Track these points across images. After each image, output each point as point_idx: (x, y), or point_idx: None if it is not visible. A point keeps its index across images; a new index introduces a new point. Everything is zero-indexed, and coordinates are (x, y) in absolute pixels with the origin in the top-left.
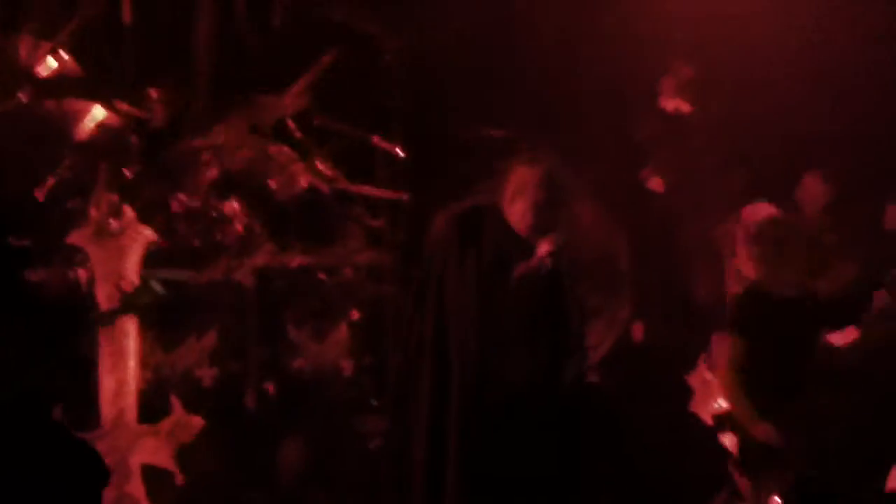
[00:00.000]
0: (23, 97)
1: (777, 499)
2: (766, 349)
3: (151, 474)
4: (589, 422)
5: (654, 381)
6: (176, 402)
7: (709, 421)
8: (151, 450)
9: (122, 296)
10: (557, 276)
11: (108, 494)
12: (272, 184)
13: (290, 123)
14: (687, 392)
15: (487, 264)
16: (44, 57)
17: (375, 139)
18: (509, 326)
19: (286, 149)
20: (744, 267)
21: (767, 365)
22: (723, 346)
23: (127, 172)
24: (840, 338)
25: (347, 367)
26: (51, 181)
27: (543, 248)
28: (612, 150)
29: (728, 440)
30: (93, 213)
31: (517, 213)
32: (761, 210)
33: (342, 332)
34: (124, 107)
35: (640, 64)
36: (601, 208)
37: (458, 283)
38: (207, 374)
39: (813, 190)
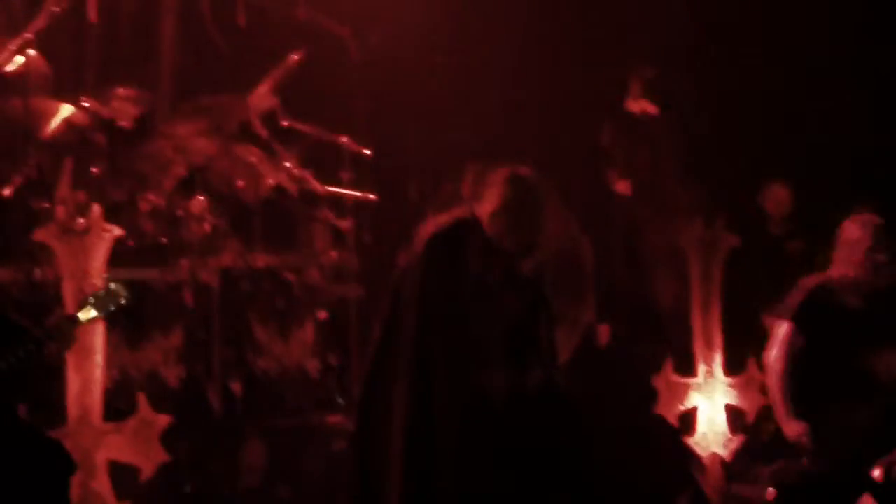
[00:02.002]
0: None
1: (772, 489)
2: (821, 348)
3: (117, 471)
4: (554, 425)
5: (619, 384)
6: (142, 400)
7: (674, 423)
8: (117, 447)
9: (81, 300)
10: (538, 288)
11: (74, 491)
12: (239, 183)
13: (257, 123)
14: (652, 395)
15: (471, 279)
16: (10, 55)
17: (343, 140)
18: (492, 340)
19: (253, 149)
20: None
21: (817, 364)
22: (782, 334)
23: (93, 170)
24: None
25: (313, 367)
26: (17, 179)
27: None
28: (578, 153)
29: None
30: (59, 210)
31: (496, 221)
32: (860, 217)
33: (308, 332)
34: (91, 105)
35: (605, 66)
36: (566, 212)
37: (443, 297)
38: (173, 374)
39: (777, 196)
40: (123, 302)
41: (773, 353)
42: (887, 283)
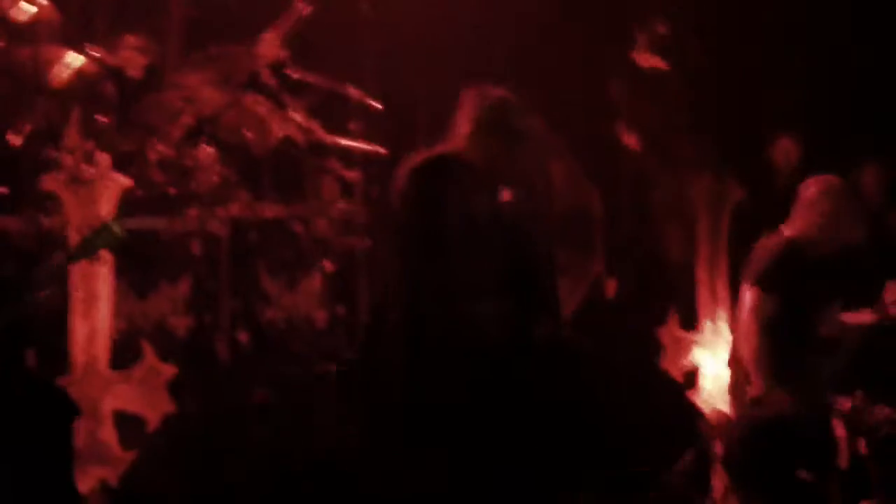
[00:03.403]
0: None
1: None
2: (790, 309)
3: (123, 420)
4: (561, 377)
5: (626, 338)
6: (148, 349)
7: (679, 378)
8: (123, 396)
9: (82, 238)
10: (522, 222)
11: (80, 440)
12: (247, 134)
13: (266, 74)
14: (658, 348)
15: (453, 212)
16: (19, 3)
17: (351, 91)
18: (476, 275)
19: (261, 99)
20: (789, 225)
21: (786, 326)
22: (751, 300)
23: (102, 120)
24: (853, 318)
25: (320, 318)
26: (26, 128)
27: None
28: (586, 107)
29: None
30: (67, 159)
31: (471, 143)
32: (821, 179)
33: (315, 283)
34: (100, 54)
35: (615, 19)
36: (574, 164)
37: (425, 233)
38: (180, 324)
39: (786, 150)
40: (120, 238)
41: (745, 323)
42: (844, 243)
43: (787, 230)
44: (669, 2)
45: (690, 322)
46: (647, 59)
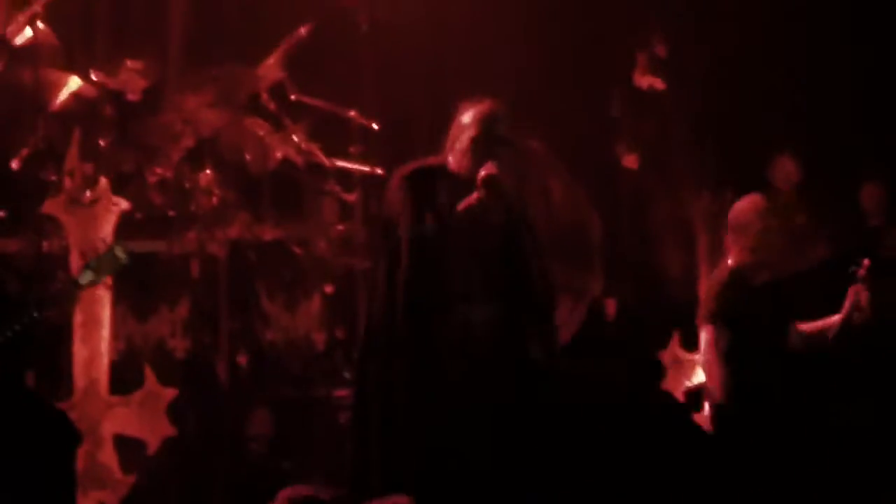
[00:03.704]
0: None
1: None
2: (746, 338)
3: (123, 443)
4: (559, 398)
5: (626, 359)
6: (149, 373)
7: (681, 399)
8: (123, 419)
9: (85, 262)
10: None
11: (81, 463)
12: (247, 156)
13: (265, 96)
14: (659, 370)
15: (440, 218)
16: (19, 26)
17: (351, 113)
18: (466, 281)
19: (261, 121)
20: (728, 255)
21: (748, 354)
22: (707, 337)
23: (101, 142)
24: (809, 327)
25: (319, 339)
26: (25, 151)
27: (482, 173)
28: (586, 126)
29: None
30: (67, 182)
31: (458, 152)
32: (746, 200)
33: (315, 304)
34: (99, 77)
35: (615, 39)
36: (574, 184)
37: (414, 239)
38: (179, 346)
39: (786, 169)
40: (123, 264)
41: (706, 362)
42: (809, 256)
43: (730, 259)
44: (668, 20)
45: (693, 342)
46: (646, 80)
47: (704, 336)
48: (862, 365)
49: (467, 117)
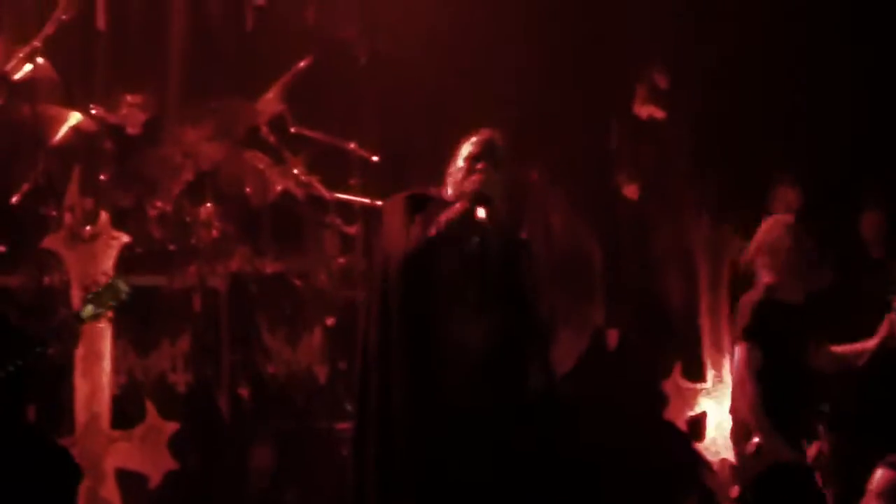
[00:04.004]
0: None
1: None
2: (776, 357)
3: (125, 477)
4: (560, 428)
5: (628, 389)
6: (150, 407)
7: (683, 428)
8: (125, 454)
9: (86, 295)
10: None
11: (83, 499)
12: (247, 189)
13: (265, 129)
14: (662, 399)
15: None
16: (18, 62)
17: (350, 145)
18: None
19: (261, 154)
20: (761, 275)
21: (777, 374)
22: (740, 354)
23: (101, 177)
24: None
25: (321, 372)
26: (26, 186)
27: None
28: (585, 157)
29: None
30: (67, 217)
31: (455, 173)
32: (774, 220)
33: (316, 337)
34: (99, 112)
35: (613, 70)
36: (574, 214)
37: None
38: (181, 380)
39: (786, 197)
40: (125, 297)
41: (739, 379)
42: (816, 281)
43: (763, 278)
44: (668, 49)
45: (694, 371)
46: (646, 109)
47: (737, 354)
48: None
49: (467, 144)
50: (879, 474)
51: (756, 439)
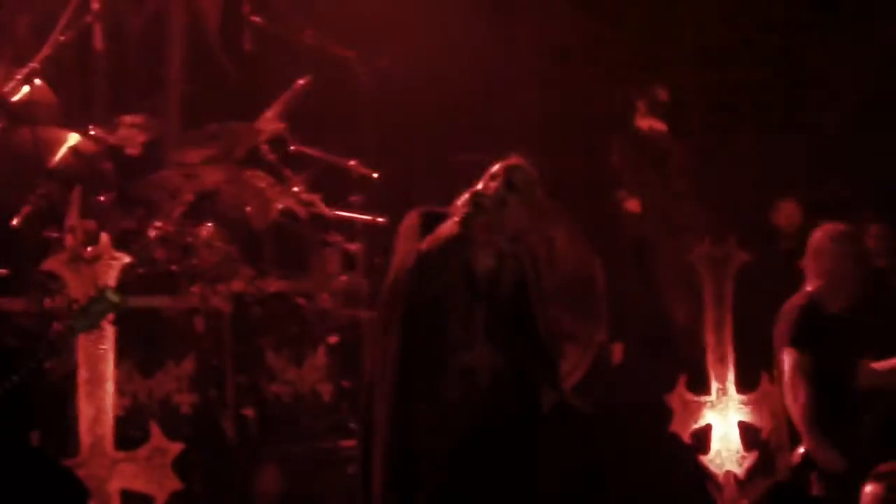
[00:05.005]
0: None
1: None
2: (825, 364)
3: (130, 499)
4: (567, 443)
5: (633, 402)
6: (155, 428)
7: (688, 441)
8: (130, 475)
9: (77, 307)
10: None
11: None
12: (248, 209)
13: (265, 149)
14: (667, 413)
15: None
16: (16, 84)
17: (351, 163)
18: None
19: (261, 174)
20: (807, 281)
21: (826, 381)
22: (789, 361)
23: (102, 199)
24: (880, 366)
25: (326, 391)
26: (26, 208)
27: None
28: (588, 172)
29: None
30: (68, 239)
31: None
32: (825, 228)
33: (320, 356)
34: (98, 134)
35: (614, 85)
36: (577, 232)
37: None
38: (186, 401)
39: (788, 212)
40: (117, 307)
41: (790, 385)
42: (863, 289)
43: (808, 285)
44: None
45: (699, 385)
46: (647, 122)
47: (787, 360)
48: None
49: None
50: (869, 489)
51: (802, 449)
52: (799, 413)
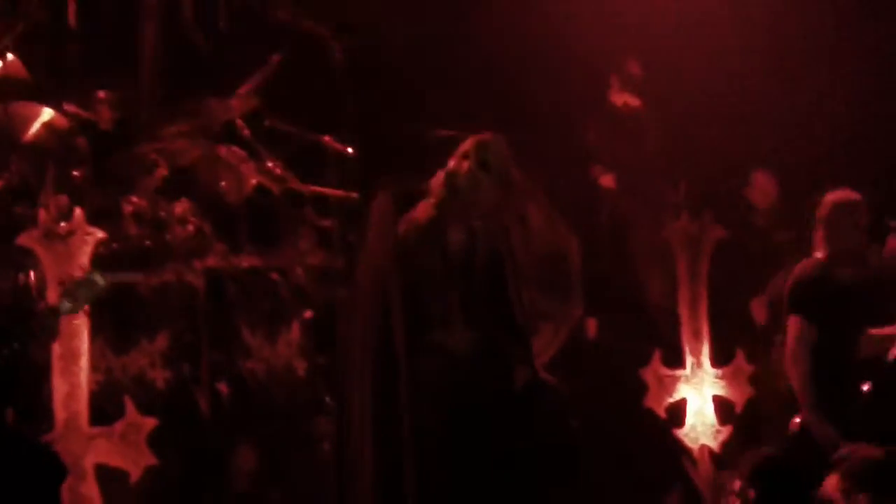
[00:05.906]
0: None
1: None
2: (830, 333)
3: (105, 474)
4: (541, 418)
5: (608, 377)
6: (129, 404)
7: (663, 416)
8: (105, 451)
9: (62, 290)
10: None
11: (63, 496)
12: (222, 185)
13: (240, 124)
14: (642, 387)
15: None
16: None
17: (326, 139)
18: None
19: (236, 149)
20: (817, 248)
21: (829, 351)
22: (794, 327)
23: (75, 174)
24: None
25: (300, 367)
26: None
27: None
28: (563, 148)
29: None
30: (41, 215)
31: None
32: (830, 195)
33: (295, 332)
34: (71, 109)
35: (589, 61)
36: (552, 210)
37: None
38: (160, 377)
39: (763, 186)
40: (101, 290)
41: (792, 351)
42: (872, 257)
43: (817, 252)
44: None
45: (674, 360)
46: (622, 97)
47: (791, 327)
48: None
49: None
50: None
51: (798, 418)
52: (798, 383)
